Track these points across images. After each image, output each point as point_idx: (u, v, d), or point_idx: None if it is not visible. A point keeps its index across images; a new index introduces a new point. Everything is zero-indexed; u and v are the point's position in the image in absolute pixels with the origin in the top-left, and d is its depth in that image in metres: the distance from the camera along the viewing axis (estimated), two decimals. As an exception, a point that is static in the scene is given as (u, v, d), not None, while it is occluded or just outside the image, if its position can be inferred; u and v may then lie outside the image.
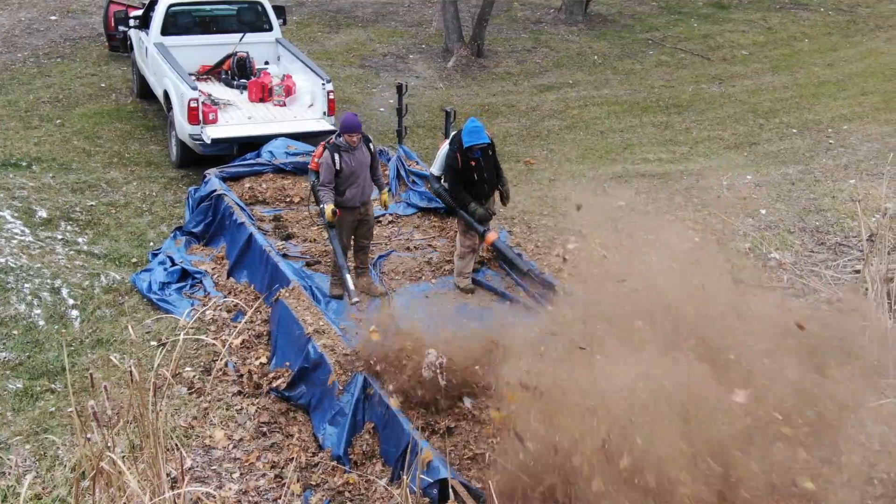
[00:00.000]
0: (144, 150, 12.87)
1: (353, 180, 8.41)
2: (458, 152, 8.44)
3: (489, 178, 8.68)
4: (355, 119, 8.37)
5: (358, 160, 8.42)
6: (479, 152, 8.45)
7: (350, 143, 8.32)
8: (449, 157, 8.56)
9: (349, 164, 8.36)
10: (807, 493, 5.53)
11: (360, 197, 8.51)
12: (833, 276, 9.40)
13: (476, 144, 8.38)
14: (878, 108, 15.77)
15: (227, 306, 8.74)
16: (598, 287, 7.65)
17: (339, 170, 8.31)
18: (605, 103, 16.00)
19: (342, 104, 14.25)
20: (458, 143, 8.46)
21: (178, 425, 7.16)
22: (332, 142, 8.41)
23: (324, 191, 8.37)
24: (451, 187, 8.64)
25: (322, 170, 8.35)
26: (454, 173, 8.53)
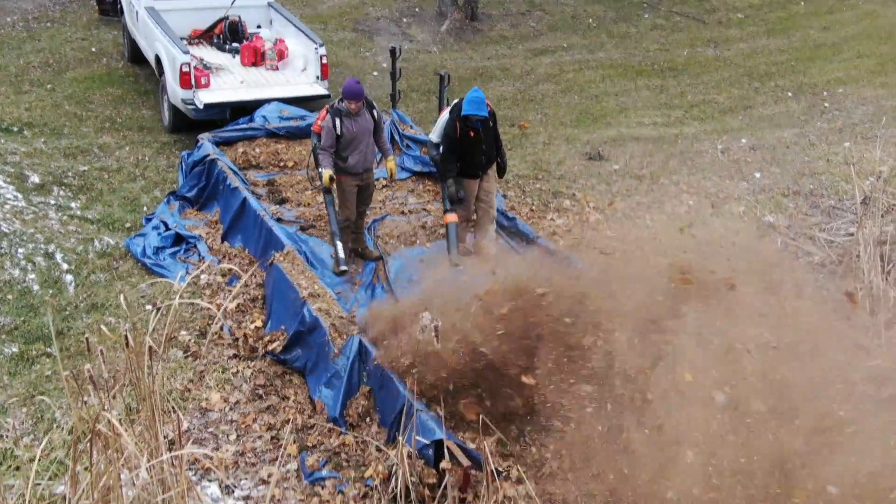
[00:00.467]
0: (136, 115, 12.79)
1: (354, 146, 8.33)
2: (457, 121, 8.35)
3: (487, 151, 8.58)
4: (357, 86, 8.24)
5: (360, 126, 8.33)
6: (478, 123, 8.36)
7: (352, 110, 8.23)
8: (448, 126, 8.45)
9: (350, 129, 8.27)
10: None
11: (362, 163, 8.44)
12: (827, 239, 9.43)
13: (474, 115, 8.28)
14: (874, 72, 15.73)
15: (222, 270, 8.74)
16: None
17: (339, 135, 8.24)
18: (600, 67, 15.92)
19: (335, 68, 14.15)
20: (458, 111, 8.37)
21: (175, 388, 7.19)
22: (335, 106, 8.32)
23: (323, 155, 8.32)
24: (444, 155, 8.55)
25: (323, 133, 8.28)
26: (450, 142, 8.44)
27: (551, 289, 6.49)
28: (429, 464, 5.91)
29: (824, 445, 5.55)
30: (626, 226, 9.79)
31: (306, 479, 6.36)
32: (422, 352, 6.23)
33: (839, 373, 6.10)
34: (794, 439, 5.55)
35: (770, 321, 6.31)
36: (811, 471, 5.40)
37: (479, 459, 5.75)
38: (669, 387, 5.71)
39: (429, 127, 12.28)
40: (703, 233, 7.50)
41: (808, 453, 5.53)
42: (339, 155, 8.34)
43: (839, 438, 5.57)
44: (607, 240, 8.15)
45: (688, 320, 6.06)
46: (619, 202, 10.56)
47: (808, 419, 5.61)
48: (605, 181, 11.19)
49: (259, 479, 6.38)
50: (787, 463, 5.49)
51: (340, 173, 8.46)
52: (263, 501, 6.08)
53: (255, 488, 6.31)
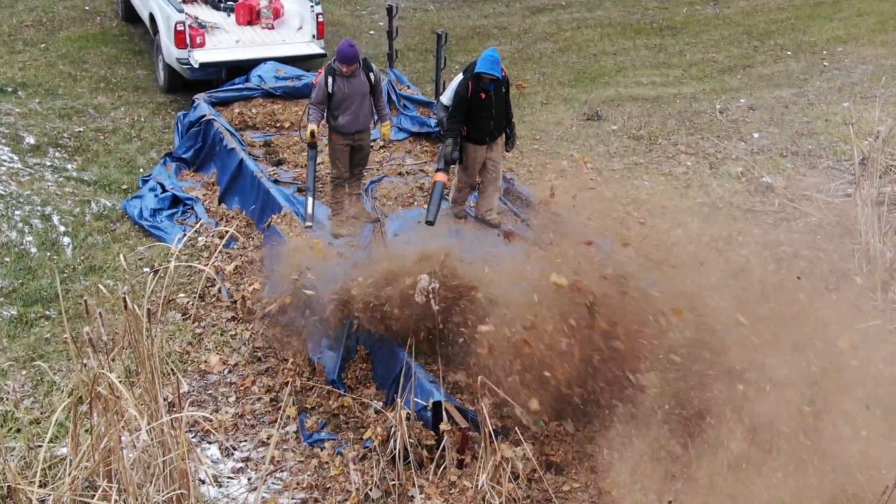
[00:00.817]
0: (131, 75, 12.69)
1: (345, 107, 8.26)
2: (470, 80, 8.09)
3: (497, 117, 8.35)
4: (351, 49, 8.11)
5: (353, 87, 8.24)
6: (491, 85, 8.08)
7: (345, 72, 8.15)
8: (460, 84, 8.17)
9: (342, 89, 8.20)
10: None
11: (353, 125, 8.36)
12: (824, 200, 9.42)
13: (487, 74, 7.98)
14: (874, 30, 15.60)
15: (220, 233, 8.73)
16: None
17: (331, 93, 8.20)
18: (599, 25, 15.77)
19: (331, 27, 14.02)
20: (471, 70, 8.11)
21: (174, 351, 7.22)
22: (330, 64, 8.29)
23: (312, 110, 8.35)
24: (451, 114, 8.25)
25: (315, 90, 8.31)
26: (459, 100, 8.14)
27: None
28: (427, 426, 5.96)
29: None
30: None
31: (305, 440, 6.42)
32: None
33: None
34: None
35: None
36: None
37: (477, 421, 5.80)
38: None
39: (426, 87, 12.22)
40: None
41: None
42: (332, 113, 8.33)
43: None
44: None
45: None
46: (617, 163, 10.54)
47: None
48: (604, 142, 11.15)
49: (258, 441, 6.43)
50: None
51: (332, 131, 8.45)
52: (263, 463, 6.13)
53: (255, 450, 6.37)
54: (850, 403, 5.58)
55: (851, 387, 5.68)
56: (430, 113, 10.73)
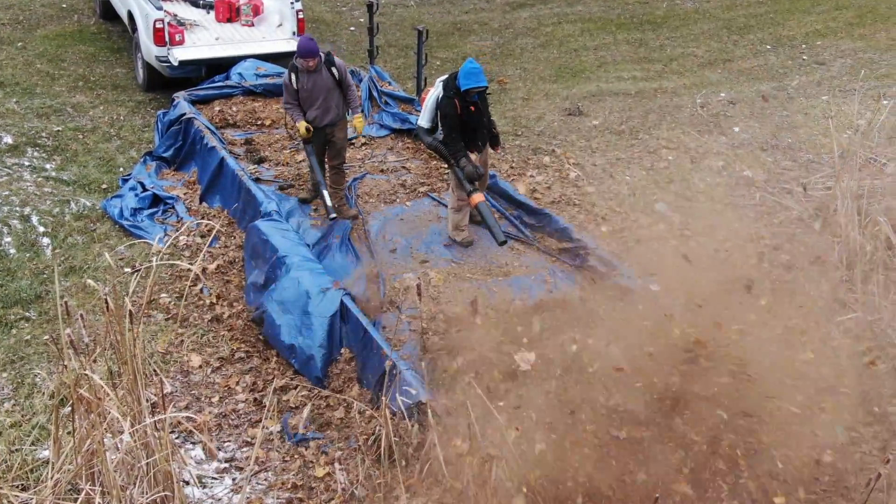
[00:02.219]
0: (110, 74, 12.59)
1: (312, 101, 8.43)
2: (455, 98, 7.78)
3: (487, 123, 8.16)
4: (310, 44, 8.30)
5: (317, 83, 8.39)
6: (476, 96, 7.82)
7: (307, 67, 8.29)
8: (445, 105, 7.84)
9: (305, 85, 8.37)
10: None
11: (322, 118, 8.49)
12: (804, 193, 9.46)
13: (475, 88, 7.72)
14: (852, 24, 15.70)
15: (201, 231, 8.68)
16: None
17: (297, 89, 8.40)
18: (579, 20, 15.80)
19: (311, 24, 13.98)
20: (453, 88, 7.78)
21: (156, 351, 7.17)
22: (292, 62, 8.41)
23: (291, 109, 8.56)
24: (448, 136, 7.90)
25: (284, 89, 8.52)
26: (452, 121, 7.82)
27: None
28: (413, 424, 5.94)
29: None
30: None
31: (290, 440, 6.39)
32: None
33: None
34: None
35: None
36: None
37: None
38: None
39: (407, 83, 12.21)
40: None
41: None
42: (300, 109, 8.52)
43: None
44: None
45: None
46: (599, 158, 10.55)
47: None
48: (585, 137, 11.16)
49: (242, 441, 6.40)
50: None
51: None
52: (247, 463, 6.10)
53: (239, 450, 6.33)
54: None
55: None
56: (412, 109, 10.72)
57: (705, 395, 5.70)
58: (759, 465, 5.60)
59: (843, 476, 5.79)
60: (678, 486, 5.39)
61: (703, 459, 5.56)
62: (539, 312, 6.83)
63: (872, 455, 6.06)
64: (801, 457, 5.65)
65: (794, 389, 5.79)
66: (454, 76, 7.85)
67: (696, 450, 5.56)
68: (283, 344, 7.05)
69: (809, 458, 5.68)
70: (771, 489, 5.49)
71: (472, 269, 7.95)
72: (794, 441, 5.65)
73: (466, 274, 7.87)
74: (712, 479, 5.51)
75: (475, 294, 6.85)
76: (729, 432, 5.63)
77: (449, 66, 13.24)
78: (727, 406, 5.64)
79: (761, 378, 5.73)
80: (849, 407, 5.98)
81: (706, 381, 5.77)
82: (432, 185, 9.48)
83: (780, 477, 5.56)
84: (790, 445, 5.64)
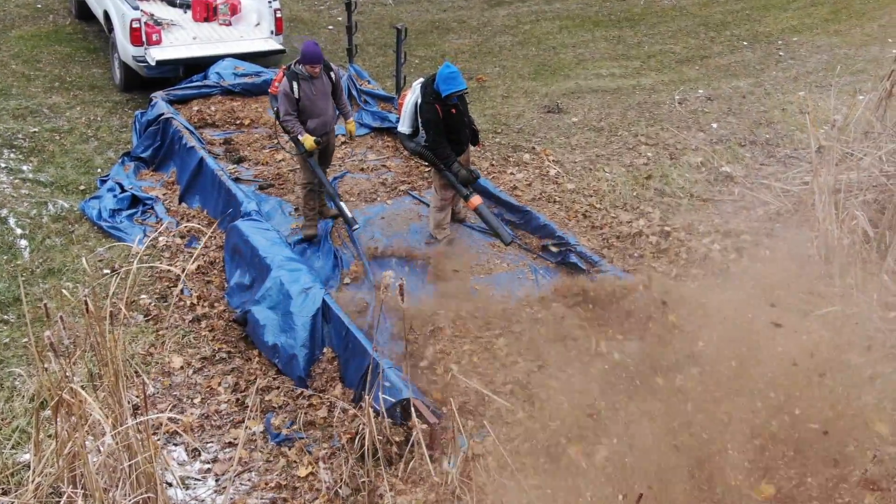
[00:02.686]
0: (87, 74, 12.50)
1: (312, 110, 8.07)
2: (436, 103, 7.73)
3: (468, 123, 8.11)
4: (317, 49, 7.90)
5: (318, 89, 8.04)
6: (456, 98, 7.76)
7: (310, 74, 7.93)
8: (426, 111, 7.78)
9: (308, 93, 7.98)
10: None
11: (322, 127, 8.17)
12: (782, 189, 9.53)
13: (455, 91, 7.66)
14: (827, 20, 15.83)
15: (181, 232, 8.63)
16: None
17: (297, 98, 7.96)
18: (557, 18, 15.83)
19: (290, 23, 13.93)
20: (433, 93, 7.74)
21: (136, 353, 7.13)
22: (291, 68, 7.99)
23: (291, 121, 8.04)
24: (434, 142, 7.84)
25: (282, 100, 7.98)
26: (436, 127, 7.77)
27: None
28: (396, 423, 5.95)
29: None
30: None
31: (273, 440, 6.37)
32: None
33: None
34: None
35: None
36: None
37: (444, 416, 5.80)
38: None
39: (386, 82, 12.19)
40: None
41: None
42: (299, 119, 8.09)
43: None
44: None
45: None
46: (579, 155, 10.58)
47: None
48: (565, 134, 11.19)
49: (225, 442, 6.37)
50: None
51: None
52: (230, 464, 6.08)
53: (222, 451, 6.31)
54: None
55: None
56: (391, 108, 10.71)
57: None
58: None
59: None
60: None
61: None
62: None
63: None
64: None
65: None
66: (432, 80, 7.77)
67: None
68: (265, 344, 7.02)
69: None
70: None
71: (455, 267, 7.96)
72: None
73: (449, 272, 7.88)
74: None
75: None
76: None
77: (428, 65, 13.25)
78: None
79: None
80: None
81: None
82: (413, 183, 9.48)
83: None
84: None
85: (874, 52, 13.99)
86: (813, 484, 5.47)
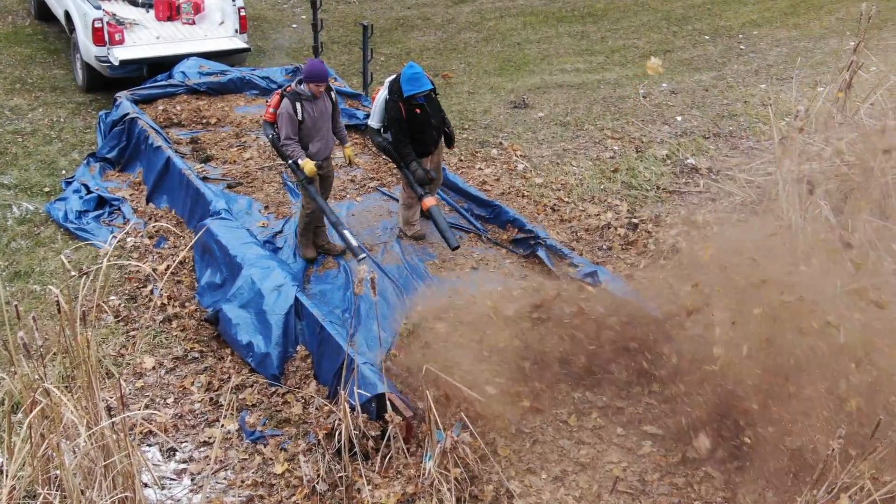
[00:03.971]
0: (48, 75, 12.35)
1: (315, 133, 7.55)
2: (399, 102, 7.69)
3: (436, 124, 7.99)
4: (323, 67, 7.47)
5: (320, 110, 7.54)
6: (422, 98, 7.72)
7: (315, 93, 7.44)
8: (391, 109, 7.74)
9: (311, 114, 7.47)
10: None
11: (324, 151, 7.67)
12: (747, 179, 9.67)
13: (418, 92, 7.63)
14: (786, 13, 16.07)
15: (149, 232, 8.57)
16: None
17: (301, 121, 7.44)
18: (521, 14, 15.91)
19: (253, 21, 13.87)
20: (397, 91, 7.69)
21: (108, 354, 7.07)
22: (291, 90, 7.46)
23: (292, 146, 7.48)
24: (396, 140, 7.82)
25: (283, 123, 7.42)
26: (399, 125, 7.74)
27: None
28: (371, 418, 5.96)
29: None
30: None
31: (248, 437, 6.36)
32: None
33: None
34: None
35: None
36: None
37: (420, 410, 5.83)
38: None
39: (353, 79, 12.19)
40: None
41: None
42: (301, 143, 7.58)
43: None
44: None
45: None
46: (546, 150, 10.65)
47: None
48: (531, 129, 11.26)
49: (199, 441, 6.35)
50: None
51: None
52: (206, 462, 6.06)
53: (197, 450, 6.28)
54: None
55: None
56: (359, 105, 10.71)
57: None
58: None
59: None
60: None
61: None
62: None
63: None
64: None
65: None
66: (398, 79, 7.77)
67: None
68: (238, 343, 7.00)
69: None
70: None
71: (425, 263, 7.99)
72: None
73: (419, 267, 7.90)
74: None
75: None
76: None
77: (393, 62, 13.26)
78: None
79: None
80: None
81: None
82: (382, 179, 9.49)
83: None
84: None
85: (833, 45, 14.22)
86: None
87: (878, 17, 11.83)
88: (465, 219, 8.73)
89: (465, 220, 8.72)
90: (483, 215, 8.77)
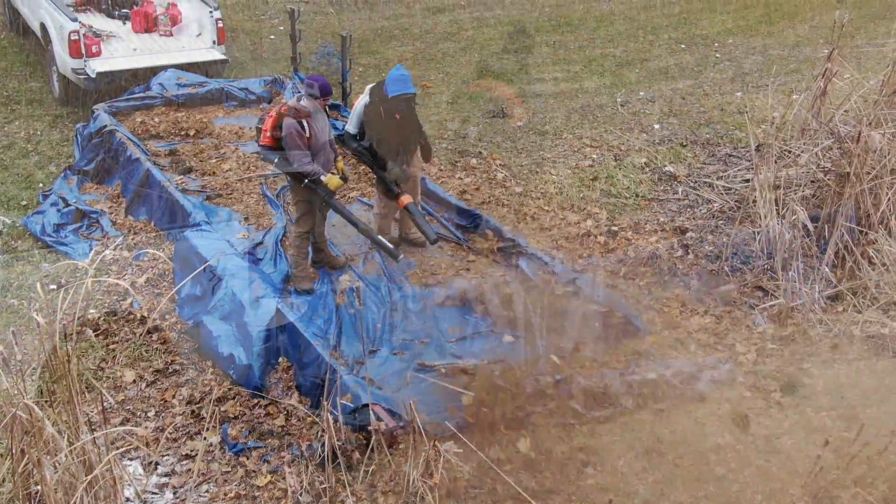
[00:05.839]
0: (24, 88, 12.27)
1: (319, 148, 7.39)
2: (381, 104, 7.71)
3: (413, 131, 8.00)
4: (327, 81, 7.44)
5: (321, 126, 7.42)
6: (403, 104, 7.73)
7: (321, 108, 7.38)
8: (370, 112, 7.76)
9: (315, 130, 7.31)
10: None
11: (326, 166, 7.53)
12: (724, 186, 9.76)
13: (403, 94, 7.62)
14: (761, 21, 16.23)
15: (128, 245, 8.53)
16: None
17: (308, 137, 7.26)
18: (499, 24, 15.98)
19: (231, 32, 13.84)
20: (378, 94, 7.71)
21: (88, 368, 7.02)
22: (289, 108, 7.28)
23: (309, 162, 7.30)
24: (373, 142, 7.81)
25: (293, 142, 7.21)
26: (377, 128, 7.75)
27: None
28: (354, 427, 5.95)
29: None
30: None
31: (230, 450, 6.32)
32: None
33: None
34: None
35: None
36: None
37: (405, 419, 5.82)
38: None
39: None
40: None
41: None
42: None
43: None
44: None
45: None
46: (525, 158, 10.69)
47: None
48: (510, 138, 11.30)
49: (182, 455, 6.30)
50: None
51: (305, 184, 7.47)
52: (188, 476, 6.02)
53: (179, 463, 6.24)
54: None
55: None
56: (338, 115, 10.71)
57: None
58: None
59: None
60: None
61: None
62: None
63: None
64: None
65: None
66: (382, 83, 7.80)
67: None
68: (220, 355, 6.97)
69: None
70: None
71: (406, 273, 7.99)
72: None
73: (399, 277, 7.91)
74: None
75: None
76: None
77: (371, 73, 13.27)
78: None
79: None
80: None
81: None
82: (362, 189, 9.49)
83: None
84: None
85: (807, 53, 14.38)
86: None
87: (851, 26, 11.97)
88: (446, 228, 8.74)
89: (445, 229, 8.72)
90: (464, 225, 8.79)
